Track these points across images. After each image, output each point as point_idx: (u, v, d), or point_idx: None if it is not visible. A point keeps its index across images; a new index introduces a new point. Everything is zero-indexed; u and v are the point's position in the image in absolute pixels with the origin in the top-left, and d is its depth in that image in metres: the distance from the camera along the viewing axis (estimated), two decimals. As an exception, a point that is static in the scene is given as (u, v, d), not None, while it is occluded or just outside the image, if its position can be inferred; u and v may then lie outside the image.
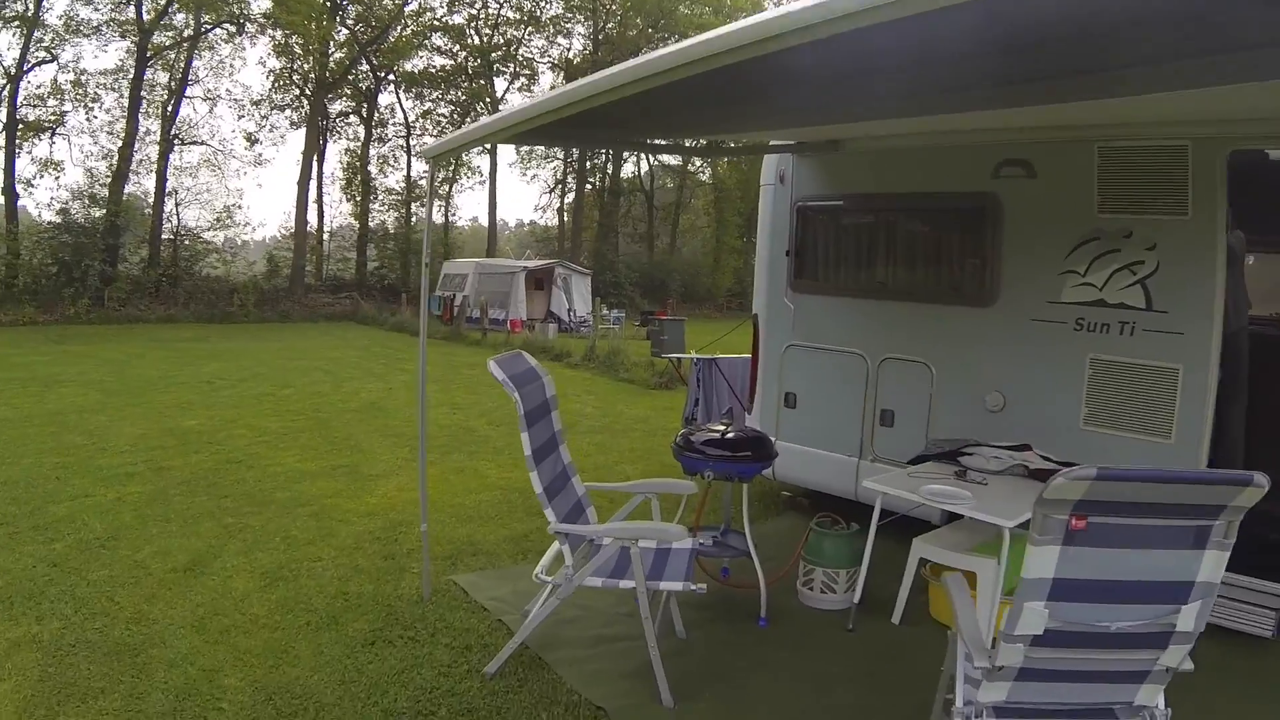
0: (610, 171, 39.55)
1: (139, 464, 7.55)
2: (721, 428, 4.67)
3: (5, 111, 25.52)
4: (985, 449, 4.65)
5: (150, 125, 28.67)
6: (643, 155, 39.83)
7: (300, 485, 7.12)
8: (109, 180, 26.82)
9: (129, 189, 27.60)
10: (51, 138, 27.12)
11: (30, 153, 27.43)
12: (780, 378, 6.31)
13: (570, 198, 39.80)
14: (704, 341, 11.82)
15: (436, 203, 36.77)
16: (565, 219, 40.35)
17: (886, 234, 5.75)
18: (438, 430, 9.68)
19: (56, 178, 27.50)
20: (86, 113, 27.58)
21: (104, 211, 25.90)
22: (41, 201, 26.64)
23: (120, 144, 26.89)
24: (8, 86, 25.56)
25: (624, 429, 10.15)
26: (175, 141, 29.10)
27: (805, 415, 6.16)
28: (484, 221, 39.42)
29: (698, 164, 40.16)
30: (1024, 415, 5.03)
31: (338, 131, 35.13)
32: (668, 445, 9.22)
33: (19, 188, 25.50)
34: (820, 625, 4.60)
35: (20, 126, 26.00)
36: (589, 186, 39.85)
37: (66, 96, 27.03)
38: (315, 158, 33.03)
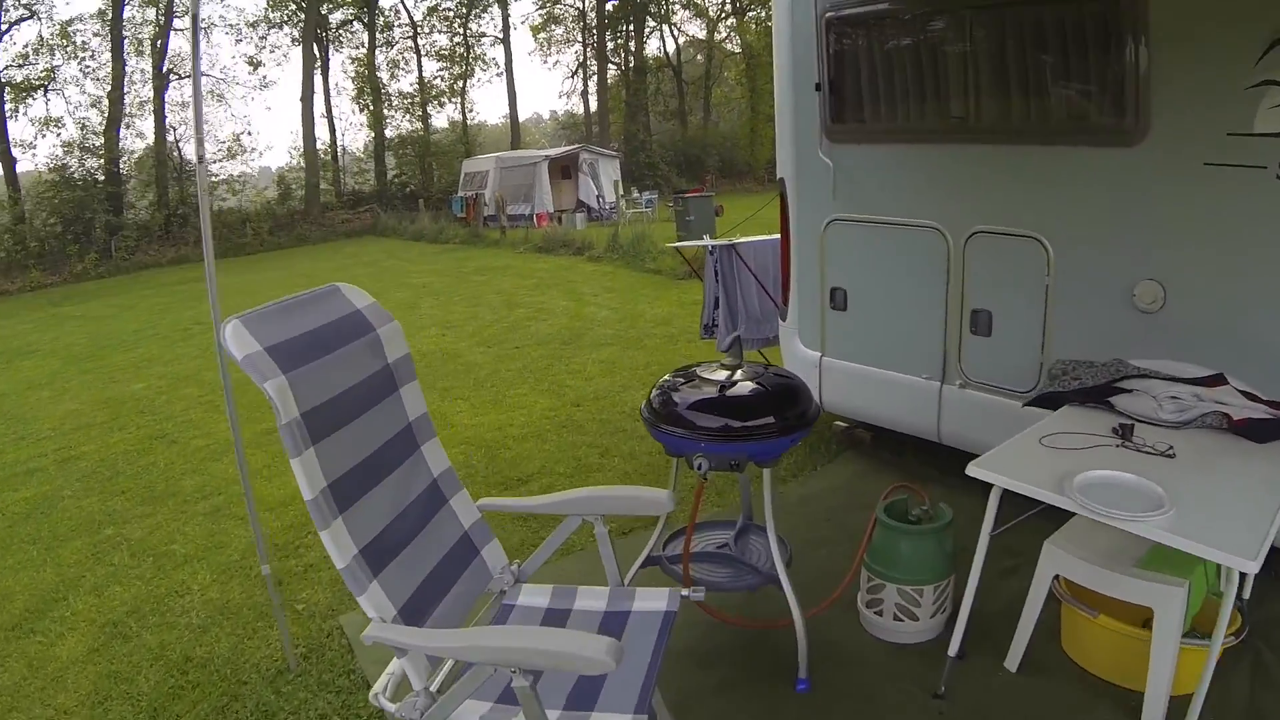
0: (633, 49, 36.82)
1: (48, 455, 6.24)
2: (723, 374, 2.86)
3: (-9, 76, 24.09)
4: (1153, 381, 2.75)
5: (142, 65, 26.91)
6: (666, 30, 37.12)
7: (218, 464, 5.63)
8: (103, 127, 25.19)
9: (127, 133, 26.20)
10: (46, 95, 25.55)
11: (26, 113, 26.09)
12: (821, 267, 4.44)
13: (594, 81, 37.18)
14: (742, 218, 9.97)
15: (453, 100, 34.69)
16: (591, 104, 37.86)
17: (964, 42, 3.71)
18: (415, 360, 7.99)
19: (58, 134, 25.98)
20: (79, 64, 25.92)
21: (101, 161, 24.46)
22: (46, 161, 25.42)
23: (109, 88, 25.22)
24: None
25: (640, 336, 8.38)
26: (171, 77, 27.25)
27: (860, 320, 4.31)
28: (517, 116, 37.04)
29: (723, 33, 37.29)
30: (1197, 317, 3.11)
31: (341, 41, 32.80)
32: (689, 355, 7.56)
33: (15, 151, 24.19)
34: (893, 679, 2.83)
35: (9, 88, 24.51)
36: (613, 68, 37.17)
37: (56, 50, 25.35)
38: (320, 71, 30.97)
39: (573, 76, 38.70)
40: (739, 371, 2.86)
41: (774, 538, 2.74)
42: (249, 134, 33.28)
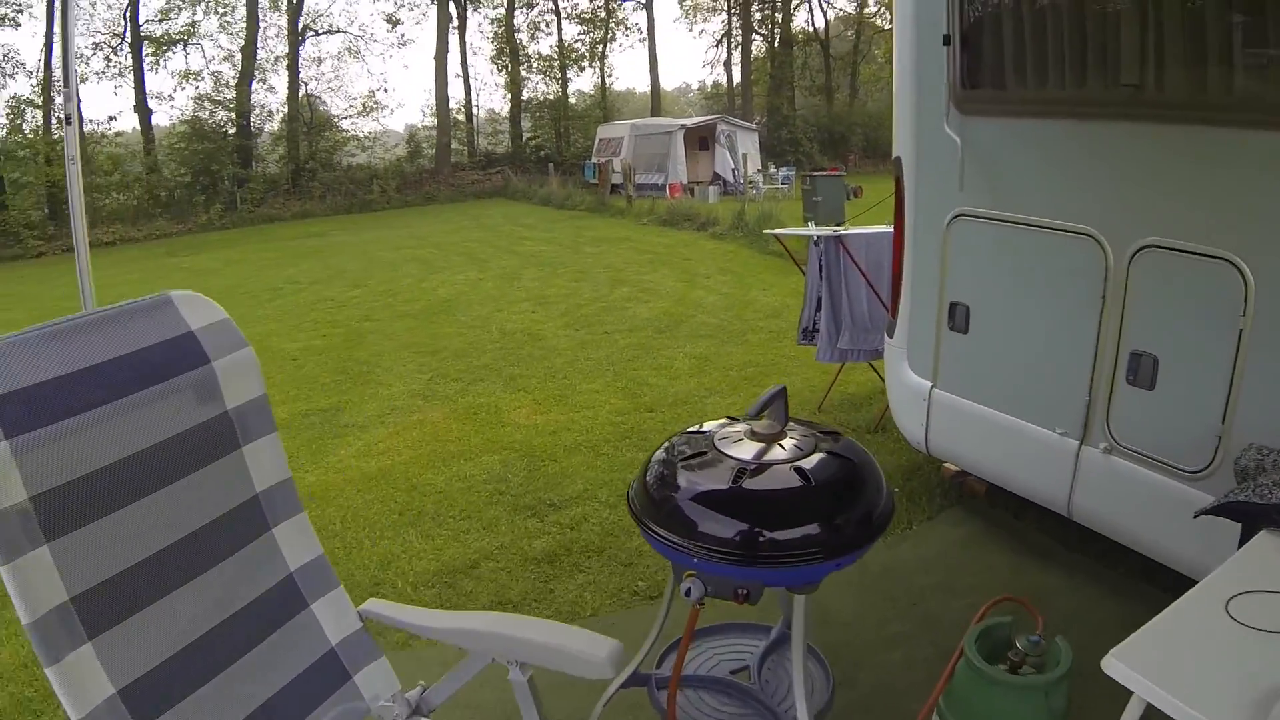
0: (780, 21, 35.37)
1: None
2: (750, 449, 1.98)
3: (130, 30, 25.00)
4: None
5: (278, 21, 27.51)
6: (814, 4, 35.62)
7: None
8: (235, 81, 25.87)
9: (259, 88, 26.80)
10: (185, 49, 26.38)
11: (165, 66, 27.12)
12: (941, 274, 3.50)
13: (739, 53, 35.96)
14: (875, 202, 8.92)
15: (592, 65, 34.12)
16: (735, 75, 36.67)
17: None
18: (494, 339, 7.51)
19: (197, 87, 26.83)
20: (219, 18, 26.58)
21: (232, 114, 25.15)
22: (179, 113, 26.52)
23: (242, 43, 25.87)
24: (129, 7, 24.97)
25: (744, 329, 7.51)
26: (307, 33, 27.89)
27: (984, 347, 3.37)
28: (664, 84, 36.30)
29: (873, 8, 35.45)
30: None
31: (479, 1, 32.54)
32: (791, 356, 6.64)
33: (152, 103, 25.09)
34: None
35: (148, 42, 25.40)
36: (758, 40, 35.85)
37: (198, 5, 26.01)
38: (457, 30, 30.86)
39: (717, 46, 37.55)
40: (777, 446, 1.98)
41: (800, 680, 1.88)
42: (384, 90, 33.55)
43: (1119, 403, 2.76)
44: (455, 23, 30.69)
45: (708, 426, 2.13)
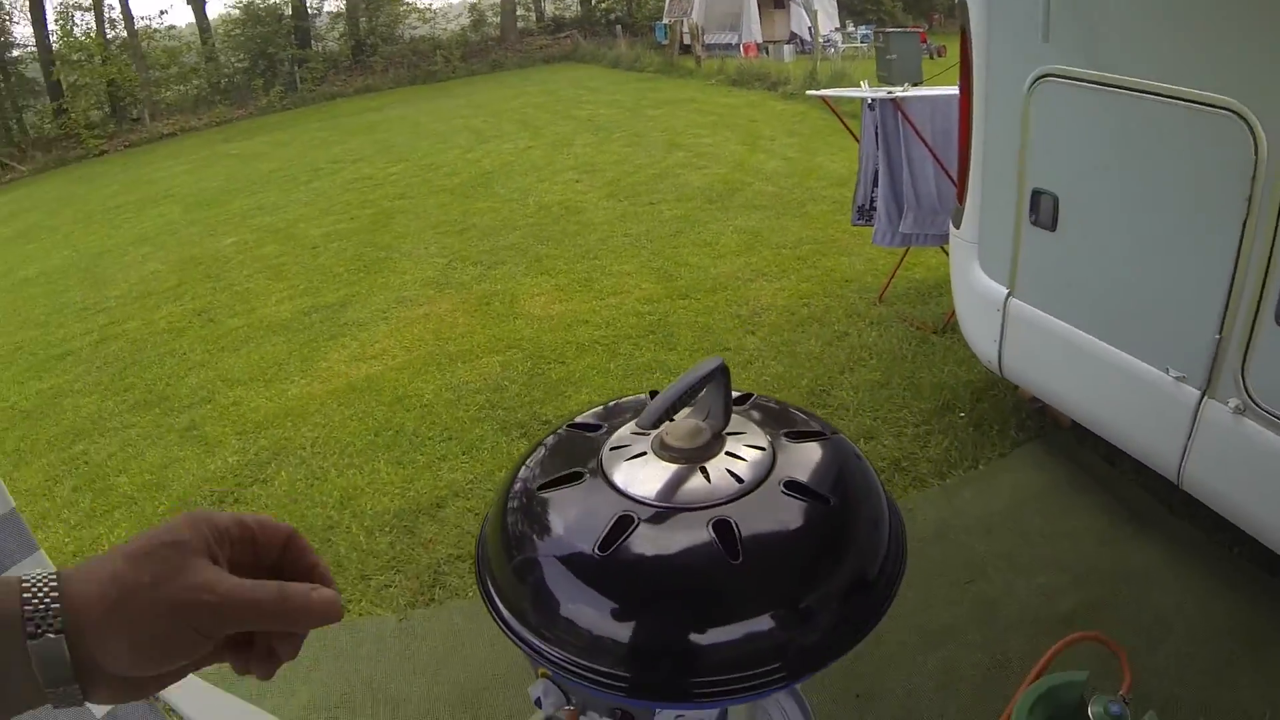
0: None
1: (94, 332, 5.59)
2: (658, 475, 0.96)
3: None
4: None
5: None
6: None
7: (233, 357, 4.76)
8: None
9: None
10: None
11: None
12: (1022, 153, 2.71)
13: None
14: (954, 61, 7.87)
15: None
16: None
17: None
18: (528, 214, 6.95)
19: None
20: None
21: None
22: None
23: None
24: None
25: (804, 200, 6.69)
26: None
27: (1076, 251, 2.60)
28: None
29: None
30: None
31: None
32: (852, 233, 5.67)
33: None
34: None
35: None
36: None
37: None
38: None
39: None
40: (698, 472, 0.96)
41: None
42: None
43: (1262, 348, 1.99)
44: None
45: (618, 405, 1.17)
